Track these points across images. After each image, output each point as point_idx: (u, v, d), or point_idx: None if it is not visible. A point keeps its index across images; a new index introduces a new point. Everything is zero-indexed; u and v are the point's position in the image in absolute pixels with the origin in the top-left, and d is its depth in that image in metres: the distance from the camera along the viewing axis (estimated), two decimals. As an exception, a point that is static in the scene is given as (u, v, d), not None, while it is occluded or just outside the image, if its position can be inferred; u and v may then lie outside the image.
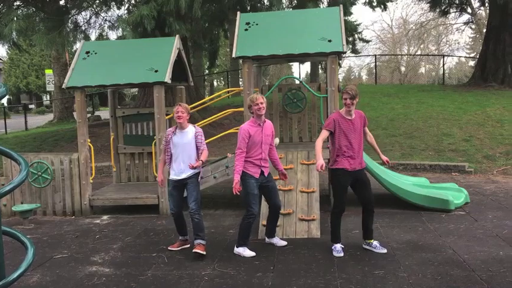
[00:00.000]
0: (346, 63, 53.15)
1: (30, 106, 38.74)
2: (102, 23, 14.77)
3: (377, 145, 5.29)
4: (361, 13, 39.12)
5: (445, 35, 38.95)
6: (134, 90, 30.91)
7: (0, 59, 43.96)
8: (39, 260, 5.12)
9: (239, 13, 7.30)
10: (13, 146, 13.35)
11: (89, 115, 19.72)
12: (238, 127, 7.52)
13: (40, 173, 7.09)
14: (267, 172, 5.13)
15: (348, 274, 4.41)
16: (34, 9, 13.74)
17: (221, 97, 10.85)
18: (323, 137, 4.99)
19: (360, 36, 21.15)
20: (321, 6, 14.33)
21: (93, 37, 14.75)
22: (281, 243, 5.33)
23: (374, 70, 26.71)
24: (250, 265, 4.75)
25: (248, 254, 5.02)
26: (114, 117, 8.27)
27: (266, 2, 13.45)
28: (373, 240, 5.04)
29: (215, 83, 43.74)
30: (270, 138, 5.16)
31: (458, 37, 60.40)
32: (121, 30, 13.81)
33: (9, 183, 2.76)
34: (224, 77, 36.57)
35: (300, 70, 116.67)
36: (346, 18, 16.51)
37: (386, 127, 11.93)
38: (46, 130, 17.28)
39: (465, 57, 40.27)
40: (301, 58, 7.90)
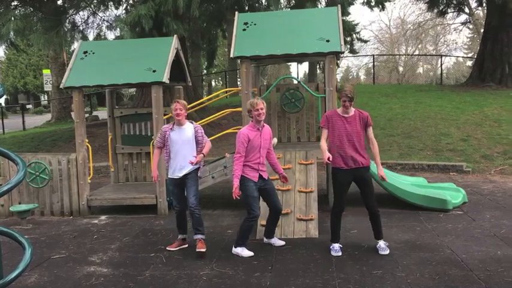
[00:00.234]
0: (344, 63, 53.11)
1: (27, 106, 38.68)
2: (100, 23, 14.76)
3: (378, 157, 5.04)
4: (359, 13, 39.27)
5: (443, 35, 39.07)
6: (132, 90, 30.89)
7: (-3, 59, 43.93)
8: (37, 260, 5.11)
9: (237, 13, 7.30)
10: (11, 146, 13.33)
11: (87, 115, 19.70)
12: (236, 127, 7.55)
13: (38, 173, 7.07)
14: (266, 176, 5.13)
15: (346, 274, 4.41)
16: (32, 9, 13.72)
17: (219, 97, 10.86)
18: (324, 136, 5.04)
19: (358, 36, 21.13)
20: (319, 6, 14.33)
21: (91, 37, 14.71)
22: (279, 243, 5.34)
23: (372, 70, 26.70)
24: (248, 265, 4.75)
25: (246, 254, 5.02)
26: (112, 117, 8.26)
27: (264, 2, 13.46)
28: (380, 240, 5.02)
29: (213, 83, 43.75)
30: (268, 142, 5.17)
31: (456, 37, 60.51)
32: (119, 30, 13.81)
33: (6, 183, 2.76)
34: (222, 77, 36.57)
35: (298, 70, 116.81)
36: (344, 18, 16.51)
37: (384, 127, 11.94)
38: (44, 130, 17.25)
39: (463, 57, 40.36)
40: (299, 58, 7.90)
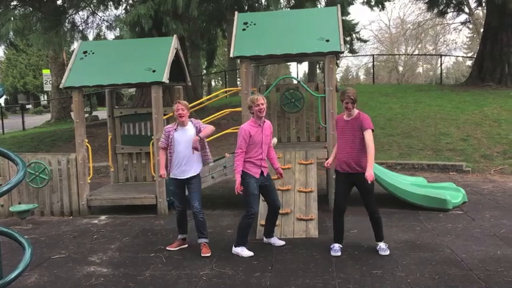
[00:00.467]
0: (344, 63, 53.15)
1: (27, 106, 38.67)
2: (99, 23, 14.77)
3: (370, 158, 4.78)
4: (358, 13, 39.26)
5: (443, 35, 39.05)
6: (132, 90, 30.87)
7: (-3, 59, 43.93)
8: (37, 261, 5.11)
9: (237, 13, 7.30)
10: (10, 146, 13.32)
11: (87, 115, 19.70)
12: (236, 127, 7.54)
13: (38, 173, 7.07)
14: (266, 172, 5.15)
15: (346, 274, 4.42)
16: (31, 9, 13.72)
17: (219, 97, 10.86)
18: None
19: (358, 36, 21.16)
20: (319, 6, 14.33)
21: (90, 37, 14.71)
22: (279, 243, 5.33)
23: (372, 70, 26.71)
24: (248, 265, 4.75)
25: (246, 254, 5.02)
26: (111, 117, 8.25)
27: (264, 2, 13.46)
28: (380, 242, 5.01)
29: (213, 83, 43.75)
30: (269, 138, 5.19)
31: (455, 37, 60.53)
32: (118, 30, 13.81)
33: (6, 183, 2.76)
34: (222, 77, 36.56)
35: (298, 70, 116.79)
36: (343, 18, 16.50)
37: (384, 127, 11.94)
38: (43, 130, 17.25)
39: (463, 57, 40.36)
40: (299, 58, 7.91)
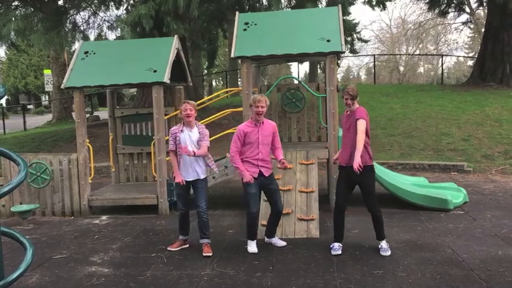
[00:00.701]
0: (344, 63, 53.13)
1: (28, 106, 38.73)
2: (100, 23, 14.76)
3: (359, 145, 4.70)
4: (359, 13, 39.27)
5: (444, 35, 39.04)
6: (133, 90, 30.90)
7: (-2, 60, 44.00)
8: (38, 261, 5.11)
9: (238, 13, 7.30)
10: (12, 147, 13.34)
11: (88, 115, 19.71)
12: (236, 127, 7.54)
13: (39, 174, 7.08)
14: (268, 173, 5.11)
15: (347, 274, 4.41)
16: (32, 9, 13.72)
17: (220, 97, 10.86)
18: None
19: (359, 36, 21.20)
20: (320, 6, 14.33)
21: (92, 37, 14.71)
22: (280, 243, 5.33)
23: (373, 70, 26.72)
24: (249, 265, 4.75)
25: (250, 250, 5.10)
26: (112, 117, 8.26)
27: (265, 2, 13.45)
28: (381, 241, 5.00)
29: (214, 83, 43.77)
30: (270, 138, 5.13)
31: (456, 37, 60.49)
32: (120, 30, 13.81)
33: (8, 183, 2.76)
34: (223, 77, 36.58)
35: (299, 70, 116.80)
36: (344, 17, 16.51)
37: (385, 127, 11.94)
38: (45, 130, 17.26)
39: (464, 56, 40.35)
40: (300, 58, 7.91)
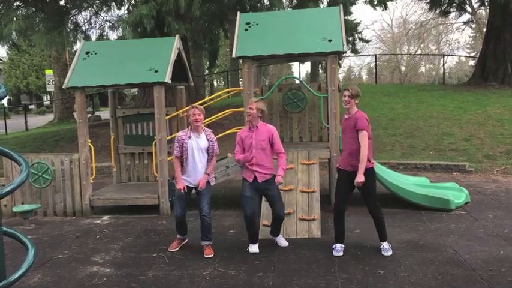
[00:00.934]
0: (346, 62, 53.22)
1: (30, 106, 38.75)
2: (102, 23, 14.78)
3: (362, 164, 4.73)
4: (361, 13, 39.25)
5: (445, 35, 39.00)
6: (134, 90, 30.92)
7: (0, 60, 43.97)
8: (39, 261, 5.12)
9: (239, 13, 7.30)
10: (13, 147, 13.36)
11: (89, 115, 19.73)
12: (238, 127, 7.54)
13: (40, 174, 7.09)
14: (262, 179, 5.03)
15: (349, 274, 4.41)
16: (34, 9, 13.74)
17: (221, 97, 10.84)
18: None
19: (360, 36, 21.17)
20: (321, 5, 14.33)
21: (93, 37, 14.74)
22: (283, 243, 5.32)
23: (374, 70, 26.73)
24: (250, 265, 4.75)
25: (252, 250, 5.11)
26: (114, 117, 8.27)
27: (266, 2, 13.45)
28: (383, 242, 5.00)
29: (215, 83, 43.75)
30: (265, 142, 5.03)
31: (458, 36, 60.44)
32: (121, 30, 13.81)
33: (9, 183, 2.76)
34: (224, 77, 36.56)
35: (300, 70, 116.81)
36: (346, 17, 16.50)
37: (386, 127, 11.93)
38: (46, 130, 17.29)
39: (465, 56, 40.31)
40: (301, 58, 7.91)
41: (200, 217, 5.16)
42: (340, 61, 8.46)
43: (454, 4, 19.20)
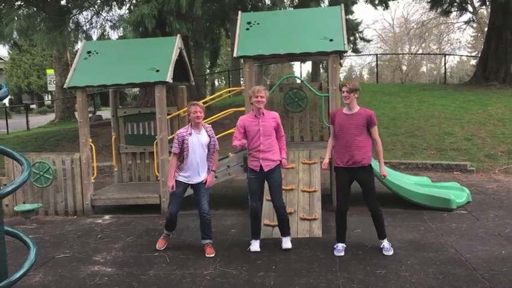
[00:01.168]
0: (347, 62, 53.11)
1: (31, 106, 38.76)
2: (103, 23, 14.80)
3: (382, 155, 5.03)
4: (362, 12, 39.21)
5: (447, 34, 38.98)
6: (136, 90, 30.92)
7: (1, 59, 44.03)
8: (41, 260, 5.12)
9: (240, 12, 7.30)
10: (15, 146, 13.37)
11: (91, 115, 19.74)
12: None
13: (42, 173, 7.10)
14: (268, 168, 5.05)
15: (350, 273, 4.41)
16: (35, 9, 13.76)
17: (222, 97, 10.84)
18: (331, 134, 5.19)
19: (361, 35, 21.12)
20: (323, 5, 14.32)
21: (94, 37, 14.75)
22: (286, 245, 5.18)
23: (375, 69, 26.69)
24: (252, 264, 4.75)
25: (253, 249, 5.10)
26: (115, 116, 8.27)
27: (267, 2, 13.44)
28: (383, 240, 5.00)
29: (216, 83, 43.77)
30: (272, 129, 5.07)
31: (459, 36, 60.30)
32: (122, 29, 13.83)
33: (11, 183, 2.77)
34: (225, 77, 36.57)
35: (301, 69, 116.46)
36: (347, 17, 16.50)
37: (387, 126, 11.91)
38: (48, 130, 17.31)
39: (467, 56, 40.23)
40: (302, 57, 7.90)
41: (200, 215, 5.17)
42: (341, 60, 8.44)
43: (455, 3, 19.17)
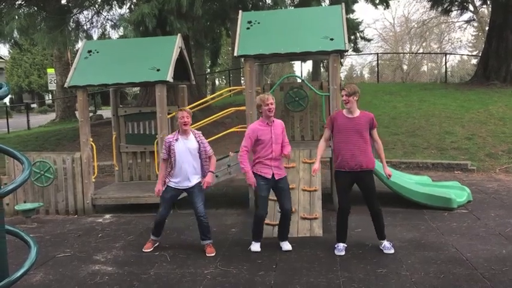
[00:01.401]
0: (348, 61, 53.01)
1: (32, 105, 38.77)
2: (104, 22, 14.79)
3: (384, 155, 5.08)
4: (362, 11, 39.19)
5: (447, 33, 38.93)
6: (136, 89, 30.92)
7: (2, 59, 44.05)
8: (42, 259, 5.13)
9: (241, 12, 7.30)
10: (15, 145, 13.38)
11: (91, 114, 19.73)
12: (240, 126, 7.54)
13: (43, 172, 7.10)
14: (279, 176, 5.05)
15: (351, 273, 4.41)
16: (36, 8, 13.75)
17: (223, 96, 10.85)
18: (324, 137, 5.15)
19: (362, 34, 21.07)
20: (323, 4, 14.30)
21: (95, 36, 14.74)
22: (286, 247, 5.17)
23: (376, 68, 26.68)
24: (252, 264, 4.75)
25: (253, 248, 5.11)
26: (116, 116, 8.27)
27: (268, 1, 13.43)
28: (383, 240, 5.00)
29: (217, 82, 43.74)
30: (281, 137, 5.10)
31: (460, 35, 60.21)
32: (122, 29, 13.82)
33: (12, 182, 2.77)
34: (226, 76, 36.56)
35: (302, 68, 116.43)
36: (347, 16, 16.46)
37: (388, 125, 11.91)
38: (48, 129, 17.31)
39: (467, 55, 40.19)
40: (303, 57, 7.91)
41: (196, 218, 5.17)
42: (342, 60, 8.44)
43: (456, 2, 19.15)
